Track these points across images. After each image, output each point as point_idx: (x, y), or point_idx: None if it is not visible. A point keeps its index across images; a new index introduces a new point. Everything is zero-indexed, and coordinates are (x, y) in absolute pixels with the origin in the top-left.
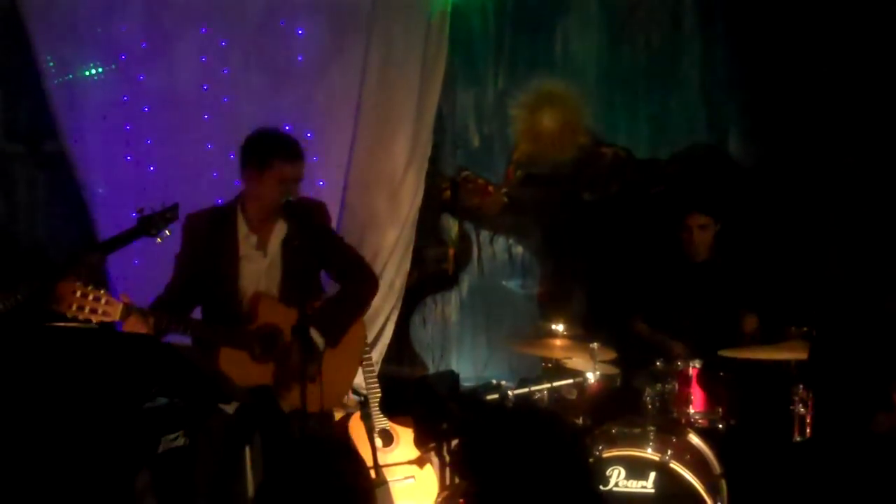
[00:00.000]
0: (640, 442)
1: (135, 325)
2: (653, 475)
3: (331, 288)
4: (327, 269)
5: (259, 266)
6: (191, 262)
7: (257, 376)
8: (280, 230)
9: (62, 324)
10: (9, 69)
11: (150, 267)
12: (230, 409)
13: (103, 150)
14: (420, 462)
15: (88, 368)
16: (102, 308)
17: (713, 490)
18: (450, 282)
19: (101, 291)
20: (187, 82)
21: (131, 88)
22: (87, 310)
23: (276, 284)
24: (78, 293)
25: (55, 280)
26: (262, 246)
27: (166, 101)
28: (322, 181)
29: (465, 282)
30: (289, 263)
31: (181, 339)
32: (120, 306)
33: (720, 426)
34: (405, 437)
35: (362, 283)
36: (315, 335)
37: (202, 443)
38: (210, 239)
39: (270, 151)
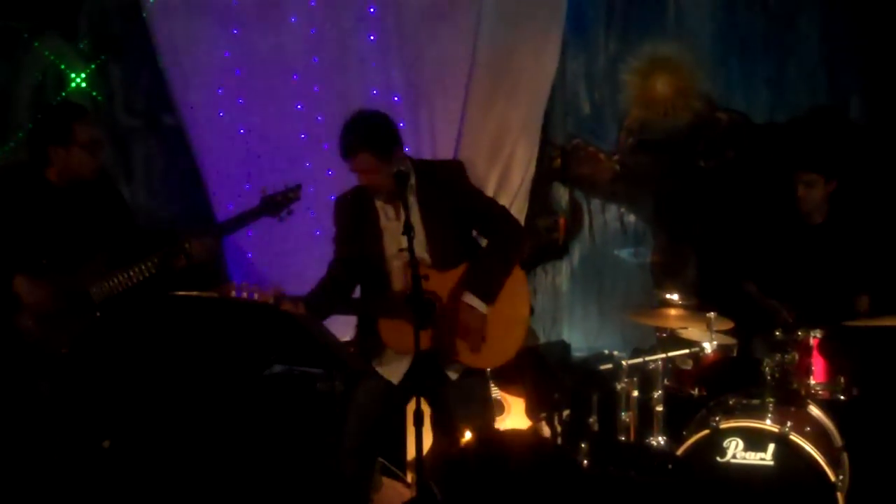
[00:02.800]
0: (758, 413)
1: None
2: (772, 447)
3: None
4: (473, 226)
5: (398, 235)
6: (343, 242)
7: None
8: (411, 197)
9: (183, 292)
10: (126, 45)
11: (262, 261)
12: (394, 377)
13: (215, 122)
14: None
15: (210, 335)
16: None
17: (834, 463)
18: (560, 251)
19: (254, 286)
20: (293, 52)
21: (241, 63)
22: None
23: (425, 250)
24: (233, 292)
25: (175, 255)
26: (397, 216)
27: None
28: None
29: (576, 251)
30: (430, 227)
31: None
32: (271, 297)
33: (842, 398)
34: (516, 407)
35: (506, 234)
36: (472, 300)
37: (351, 409)
38: (354, 217)
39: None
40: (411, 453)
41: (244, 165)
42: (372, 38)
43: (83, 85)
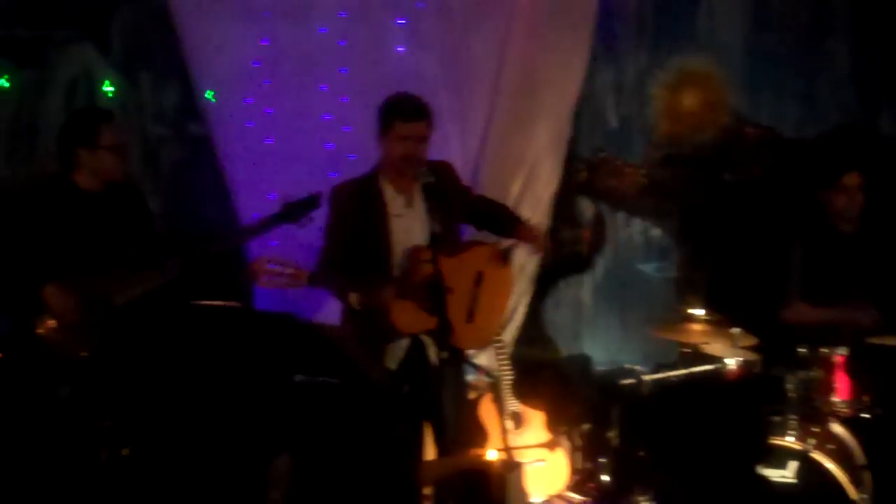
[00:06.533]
0: (780, 430)
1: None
2: (793, 464)
3: None
4: (471, 220)
5: (412, 222)
6: (342, 230)
7: (427, 322)
8: (420, 189)
9: (205, 302)
10: (157, 55)
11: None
12: (392, 363)
13: (243, 132)
14: (551, 445)
15: (230, 346)
16: (291, 281)
17: (857, 481)
18: (584, 264)
19: (290, 261)
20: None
21: (270, 74)
22: (277, 281)
23: (425, 239)
24: (266, 265)
25: (197, 261)
26: (409, 203)
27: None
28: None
29: (600, 265)
30: (433, 218)
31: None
32: (306, 274)
33: (866, 416)
34: (536, 420)
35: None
36: None
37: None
38: (358, 205)
39: (391, 113)
40: None
41: (271, 175)
42: (400, 49)
43: (113, 94)
